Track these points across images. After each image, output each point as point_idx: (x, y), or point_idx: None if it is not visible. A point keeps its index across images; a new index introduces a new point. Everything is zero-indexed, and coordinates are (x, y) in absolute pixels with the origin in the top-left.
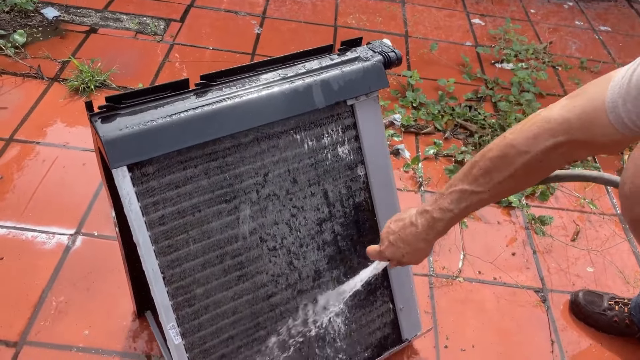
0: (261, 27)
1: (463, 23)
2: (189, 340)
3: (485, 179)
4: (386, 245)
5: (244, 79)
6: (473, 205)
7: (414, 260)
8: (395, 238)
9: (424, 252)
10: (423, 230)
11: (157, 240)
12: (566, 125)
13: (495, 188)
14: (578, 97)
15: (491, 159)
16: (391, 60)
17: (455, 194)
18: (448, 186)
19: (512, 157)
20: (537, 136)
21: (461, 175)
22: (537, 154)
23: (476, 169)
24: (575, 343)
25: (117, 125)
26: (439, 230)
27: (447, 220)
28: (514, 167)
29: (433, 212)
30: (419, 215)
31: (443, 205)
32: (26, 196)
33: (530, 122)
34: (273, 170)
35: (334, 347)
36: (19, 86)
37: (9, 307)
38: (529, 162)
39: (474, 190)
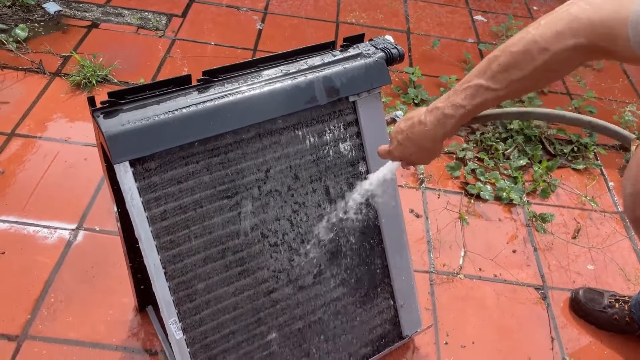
0: (263, 23)
1: (465, 20)
2: (190, 335)
3: (504, 75)
4: (395, 145)
5: (246, 75)
6: (487, 102)
7: (421, 159)
8: (403, 137)
9: (432, 151)
10: (432, 127)
11: (158, 236)
12: (590, 28)
13: (512, 85)
14: (609, 1)
15: (513, 54)
16: (393, 57)
17: (470, 90)
18: (462, 83)
19: (533, 54)
20: (561, 33)
21: (478, 71)
22: (557, 53)
23: (495, 63)
24: (575, 340)
25: (120, 121)
26: (448, 128)
27: (458, 117)
28: (535, 64)
29: (444, 109)
30: (429, 113)
31: (456, 101)
32: (28, 191)
33: (557, 17)
34: (275, 166)
35: (334, 343)
36: (20, 81)
37: (11, 301)
38: (549, 61)
39: (490, 86)
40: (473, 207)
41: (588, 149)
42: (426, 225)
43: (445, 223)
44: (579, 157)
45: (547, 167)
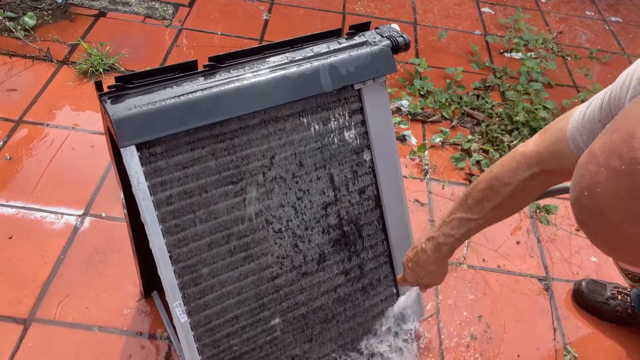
0: (269, 13)
1: (472, 11)
2: (195, 318)
3: (478, 207)
4: (407, 272)
5: (252, 62)
6: (472, 229)
7: (432, 281)
8: (412, 264)
9: (439, 272)
10: (432, 254)
11: (164, 220)
12: (538, 157)
13: (488, 214)
14: (547, 133)
15: (480, 191)
16: (399, 45)
17: (455, 221)
18: (449, 214)
19: (497, 188)
20: (516, 169)
21: (458, 205)
22: (518, 184)
23: (470, 199)
24: (578, 331)
25: (126, 105)
26: (445, 252)
27: (450, 244)
28: (501, 196)
29: (438, 238)
30: (427, 242)
31: (445, 231)
32: (35, 177)
33: (510, 157)
34: (279, 153)
35: (337, 329)
36: (28, 68)
37: (19, 285)
38: (512, 191)
39: (470, 217)
40: None
41: None
42: (430, 215)
43: None
44: None
45: None
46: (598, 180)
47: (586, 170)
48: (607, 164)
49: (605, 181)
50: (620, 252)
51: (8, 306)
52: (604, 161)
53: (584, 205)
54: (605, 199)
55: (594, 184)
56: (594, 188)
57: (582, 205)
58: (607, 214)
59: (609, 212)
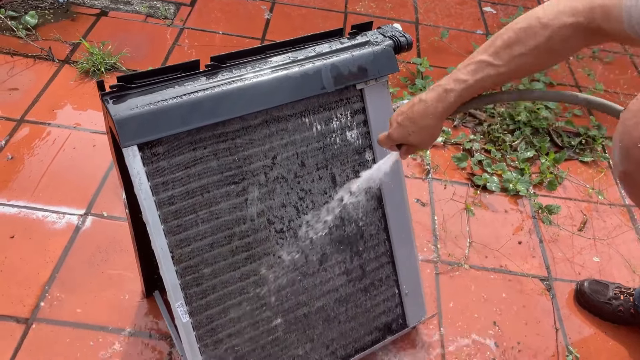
0: (271, 13)
1: (474, 11)
2: (197, 318)
3: (507, 51)
4: (394, 127)
5: (254, 61)
6: (488, 78)
7: (421, 139)
8: (403, 118)
9: (432, 130)
10: (432, 103)
11: (166, 220)
12: (589, 8)
13: (514, 61)
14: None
15: (516, 31)
16: (401, 45)
17: (472, 65)
18: (466, 61)
19: (536, 30)
20: (562, 12)
21: (482, 48)
22: (557, 29)
23: (499, 40)
24: (580, 332)
25: (128, 105)
26: (449, 102)
27: (459, 91)
28: (536, 41)
29: (446, 85)
30: (429, 91)
31: (458, 76)
32: (37, 176)
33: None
34: (281, 153)
35: (338, 329)
36: (30, 67)
37: (21, 284)
38: (550, 38)
39: (492, 62)
40: (479, 198)
41: (596, 141)
42: (432, 215)
43: (451, 213)
44: (587, 150)
45: (555, 159)
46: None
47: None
48: None
49: None
50: None
51: (10, 306)
52: None
53: (635, 157)
54: None
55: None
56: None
57: (632, 157)
58: None
59: None
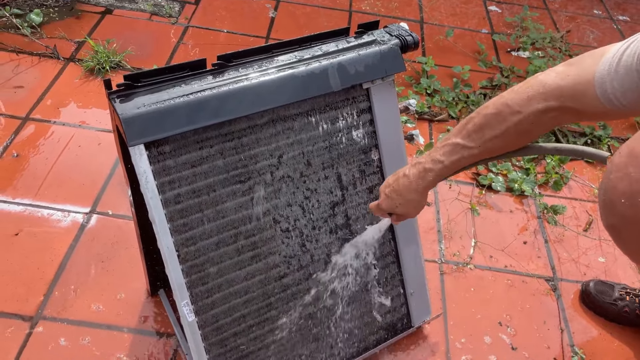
0: (275, 11)
1: (479, 10)
2: (202, 317)
3: (478, 134)
4: (382, 198)
5: (260, 60)
6: (463, 159)
7: (407, 211)
8: (390, 190)
9: (417, 203)
10: (414, 180)
11: (172, 219)
12: (558, 92)
13: (486, 144)
14: (573, 67)
15: (486, 116)
16: (408, 44)
17: (447, 147)
18: (442, 141)
19: (505, 116)
20: (531, 98)
21: (456, 131)
22: (529, 115)
23: (471, 124)
24: (585, 332)
25: (135, 104)
26: (429, 180)
27: (437, 171)
28: (506, 125)
29: (425, 164)
30: (412, 167)
31: (435, 157)
32: (42, 174)
33: (527, 85)
34: (287, 152)
35: (343, 329)
36: (35, 65)
37: (26, 282)
38: (520, 122)
39: (465, 144)
40: (484, 198)
41: (602, 141)
42: (437, 215)
43: (456, 213)
44: None
45: (560, 159)
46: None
47: (625, 174)
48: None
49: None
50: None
51: (15, 303)
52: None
53: (620, 212)
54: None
55: (636, 192)
56: (635, 196)
57: (617, 212)
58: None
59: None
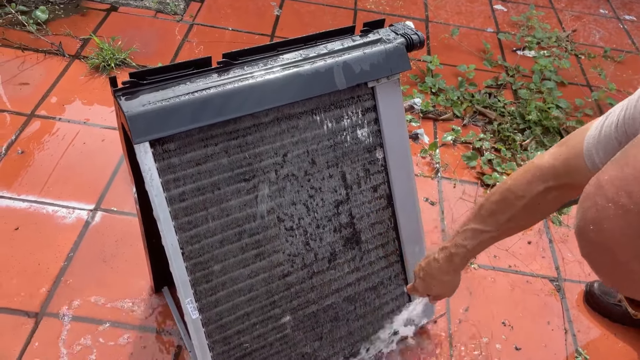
0: (280, 9)
1: (485, 9)
2: (206, 315)
3: (492, 219)
4: (418, 281)
5: (265, 58)
6: (485, 241)
7: (443, 292)
8: (424, 274)
9: (451, 283)
10: (444, 264)
11: (177, 216)
12: (553, 171)
13: (502, 227)
14: (563, 147)
15: (494, 203)
16: (414, 43)
17: (468, 232)
18: (463, 224)
19: (511, 201)
20: (531, 182)
21: (472, 216)
22: (532, 198)
23: (483, 210)
24: (589, 333)
25: (141, 101)
26: (457, 263)
27: (462, 255)
28: (515, 209)
29: (451, 248)
30: (440, 252)
31: (458, 242)
32: (47, 171)
33: (525, 170)
34: (292, 150)
35: (347, 327)
36: (40, 62)
37: (31, 278)
38: (526, 205)
39: (483, 229)
40: None
41: None
42: (441, 214)
43: (460, 213)
44: None
45: None
46: (606, 216)
47: (593, 203)
48: (616, 200)
49: (613, 217)
50: (625, 287)
51: (20, 299)
52: (612, 196)
53: (590, 239)
54: (612, 236)
55: (601, 219)
56: (601, 223)
57: (588, 239)
58: (614, 251)
59: (616, 249)
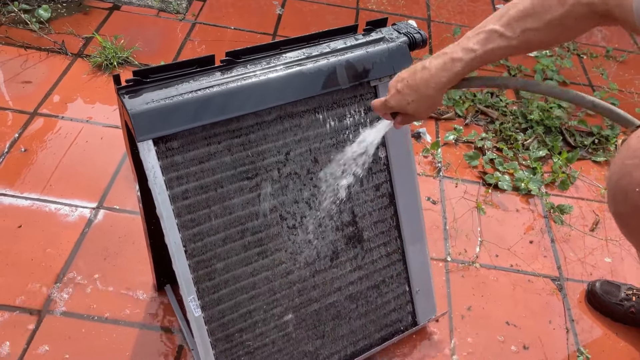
0: (283, 8)
1: (487, 8)
2: (209, 313)
3: (520, 23)
4: (392, 94)
5: (269, 57)
6: (498, 49)
7: (419, 109)
8: (402, 85)
9: (432, 100)
10: (436, 72)
11: (180, 214)
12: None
13: (526, 35)
14: None
15: (532, 2)
16: (416, 42)
17: (482, 34)
18: (475, 29)
19: (552, 4)
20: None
21: (494, 18)
22: (573, 5)
23: (514, 10)
24: (591, 332)
25: (144, 99)
26: (455, 71)
27: (468, 61)
28: (551, 14)
29: (452, 53)
30: (434, 59)
31: (466, 45)
32: (49, 169)
33: None
34: (295, 149)
35: (349, 326)
36: (43, 61)
37: (33, 276)
38: (564, 13)
39: (504, 33)
40: (490, 196)
41: (609, 141)
42: (443, 213)
43: (462, 212)
44: (600, 150)
45: (567, 158)
46: None
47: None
48: None
49: None
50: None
51: (22, 297)
52: None
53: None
54: None
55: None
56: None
57: (629, 200)
58: None
59: None
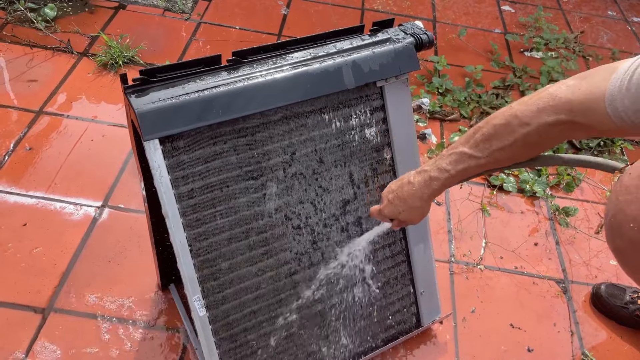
0: (288, 8)
1: (492, 9)
2: (213, 312)
3: (485, 144)
4: (385, 204)
5: (275, 57)
6: (470, 169)
7: (410, 218)
8: (393, 196)
9: (420, 210)
10: (419, 188)
11: (185, 213)
12: (569, 106)
13: (493, 154)
14: (584, 81)
15: (494, 126)
16: (423, 43)
17: (454, 156)
18: (449, 149)
19: (514, 127)
20: (541, 110)
21: (463, 140)
22: (538, 127)
23: (479, 134)
24: (595, 335)
25: (151, 99)
26: (434, 188)
27: (443, 180)
28: (514, 136)
29: (430, 172)
30: (417, 174)
31: (441, 166)
32: (55, 168)
33: (537, 97)
34: (300, 149)
35: (353, 326)
36: (48, 60)
37: (38, 274)
38: (528, 134)
39: (472, 154)
40: (495, 198)
41: (615, 143)
42: (447, 215)
43: (466, 213)
44: (605, 152)
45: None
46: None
47: (635, 197)
48: None
49: None
50: None
51: (27, 295)
52: None
53: (627, 236)
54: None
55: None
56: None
57: (625, 235)
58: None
59: None
